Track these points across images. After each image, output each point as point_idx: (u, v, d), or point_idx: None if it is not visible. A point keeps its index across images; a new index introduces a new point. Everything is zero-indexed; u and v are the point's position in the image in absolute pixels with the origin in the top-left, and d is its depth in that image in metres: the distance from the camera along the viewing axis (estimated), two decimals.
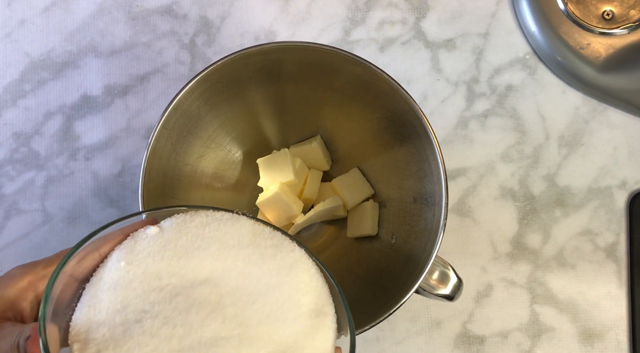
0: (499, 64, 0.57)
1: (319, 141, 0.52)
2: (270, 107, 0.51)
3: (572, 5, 0.56)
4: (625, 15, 0.56)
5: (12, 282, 0.32)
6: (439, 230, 0.43)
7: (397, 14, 0.57)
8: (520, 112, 0.56)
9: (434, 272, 0.44)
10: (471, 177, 0.55)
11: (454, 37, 0.57)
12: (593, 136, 0.56)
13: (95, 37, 0.56)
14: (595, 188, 0.56)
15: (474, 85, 0.57)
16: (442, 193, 0.43)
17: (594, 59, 0.56)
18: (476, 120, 0.56)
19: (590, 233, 0.55)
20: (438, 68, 0.57)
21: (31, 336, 0.29)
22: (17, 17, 0.56)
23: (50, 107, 0.55)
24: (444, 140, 0.55)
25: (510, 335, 0.53)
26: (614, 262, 0.55)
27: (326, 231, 0.54)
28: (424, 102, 0.56)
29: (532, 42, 0.57)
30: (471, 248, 0.54)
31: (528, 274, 0.54)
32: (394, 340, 0.53)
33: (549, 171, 0.56)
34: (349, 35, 0.57)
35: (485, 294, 0.54)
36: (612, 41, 0.56)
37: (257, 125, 0.52)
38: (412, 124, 0.45)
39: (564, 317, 0.54)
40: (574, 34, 0.56)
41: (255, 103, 0.50)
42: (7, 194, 0.53)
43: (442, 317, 0.53)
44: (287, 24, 0.57)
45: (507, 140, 0.56)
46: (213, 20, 0.57)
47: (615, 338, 0.53)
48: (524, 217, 0.55)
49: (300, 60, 0.46)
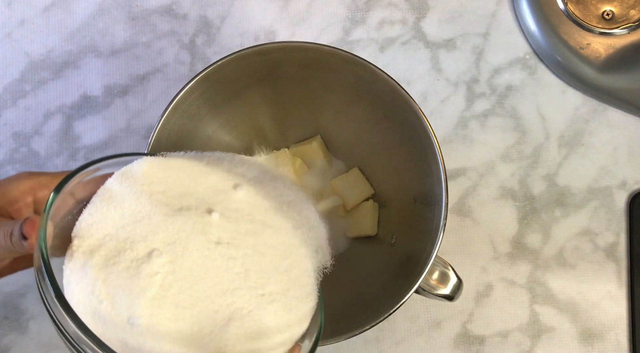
0: (499, 64, 0.57)
1: (319, 141, 0.52)
2: (270, 107, 0.51)
3: (572, 5, 0.56)
4: (625, 15, 0.56)
5: (15, 184, 0.34)
6: (439, 230, 0.43)
7: (397, 14, 0.57)
8: (520, 112, 0.56)
9: (434, 272, 0.44)
10: (471, 177, 0.55)
11: (454, 37, 0.57)
12: (593, 136, 0.56)
13: (95, 37, 0.56)
14: (595, 188, 0.56)
15: (474, 85, 0.57)
16: (442, 193, 0.43)
17: (594, 59, 0.56)
18: (476, 120, 0.56)
19: (590, 233, 0.55)
20: (438, 68, 0.57)
21: (28, 218, 0.30)
22: (17, 17, 0.56)
23: (50, 107, 0.55)
24: (444, 140, 0.55)
25: (510, 335, 0.53)
26: (614, 262, 0.54)
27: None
28: (424, 102, 0.56)
29: (532, 42, 0.57)
30: (471, 248, 0.54)
31: (528, 274, 0.54)
32: (394, 340, 0.53)
33: (549, 171, 0.56)
34: (349, 35, 0.57)
35: (485, 294, 0.54)
36: (612, 41, 0.56)
37: (257, 125, 0.52)
38: (412, 123, 0.45)
39: (564, 317, 0.54)
40: (574, 34, 0.56)
41: (255, 103, 0.50)
42: None
43: (442, 317, 0.53)
44: (287, 24, 0.57)
45: (507, 140, 0.56)
46: (213, 20, 0.57)
47: (615, 339, 0.53)
48: (524, 217, 0.55)
49: (300, 60, 0.46)
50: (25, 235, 0.30)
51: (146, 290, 0.31)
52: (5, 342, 0.52)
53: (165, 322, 0.31)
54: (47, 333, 0.52)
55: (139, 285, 0.31)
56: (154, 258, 0.32)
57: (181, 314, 0.31)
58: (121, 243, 0.32)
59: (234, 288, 0.33)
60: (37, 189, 0.35)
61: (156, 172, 0.36)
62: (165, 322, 0.31)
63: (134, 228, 0.33)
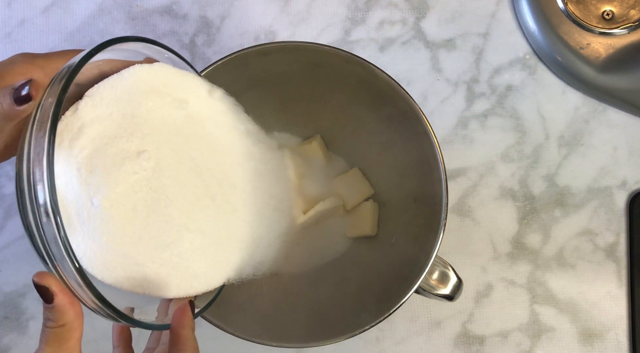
0: (499, 64, 0.57)
1: (319, 141, 0.52)
2: (270, 107, 0.51)
3: (572, 5, 0.56)
4: (625, 15, 0.56)
5: (10, 67, 0.34)
6: (439, 230, 0.43)
7: (397, 13, 0.57)
8: (520, 112, 0.56)
9: (434, 272, 0.44)
10: (471, 177, 0.55)
11: (453, 37, 0.57)
12: (593, 136, 0.56)
13: (95, 37, 0.56)
14: (595, 188, 0.56)
15: (474, 85, 0.57)
16: (442, 193, 0.43)
17: (594, 59, 0.56)
18: (476, 120, 0.56)
19: (590, 233, 0.55)
20: (438, 68, 0.57)
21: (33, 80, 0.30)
22: (17, 17, 0.56)
23: None
24: (444, 140, 0.55)
25: (510, 335, 0.53)
26: (614, 262, 0.55)
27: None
28: (424, 102, 0.56)
29: (532, 42, 0.57)
30: (471, 248, 0.54)
31: (528, 274, 0.54)
32: (394, 340, 0.53)
33: (548, 171, 0.56)
34: (349, 35, 0.57)
35: (485, 294, 0.54)
36: (612, 41, 0.56)
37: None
38: (412, 124, 0.45)
39: (564, 317, 0.54)
40: (574, 34, 0.56)
41: (255, 103, 0.50)
42: (6, 194, 0.53)
43: (442, 317, 0.53)
44: (287, 24, 0.57)
45: (507, 140, 0.56)
46: (213, 20, 0.57)
47: (615, 339, 0.53)
48: (524, 217, 0.55)
49: (300, 60, 0.46)
50: (33, 95, 0.30)
51: (119, 183, 0.32)
52: (5, 342, 0.52)
53: (119, 219, 0.32)
54: None
55: (116, 176, 0.32)
56: (141, 159, 0.33)
57: (136, 218, 0.33)
58: (121, 130, 0.33)
59: (189, 220, 0.35)
60: (32, 71, 0.34)
61: (183, 81, 0.37)
62: (120, 219, 0.32)
63: (140, 123, 0.34)
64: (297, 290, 0.50)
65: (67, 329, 0.30)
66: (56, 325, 0.29)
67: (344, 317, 0.46)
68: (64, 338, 0.30)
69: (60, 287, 0.29)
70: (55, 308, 0.29)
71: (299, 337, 0.44)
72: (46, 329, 0.30)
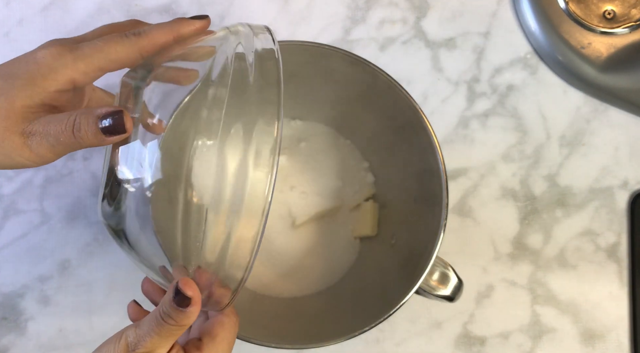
0: (499, 63, 0.57)
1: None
2: None
3: (573, 5, 0.56)
4: (626, 14, 0.56)
5: (53, 76, 0.33)
6: (439, 231, 0.42)
7: (397, 13, 0.57)
8: (521, 112, 0.56)
9: (434, 272, 0.43)
10: (472, 177, 0.55)
11: (454, 37, 0.57)
12: (594, 136, 0.56)
13: None
14: (596, 188, 0.55)
15: (475, 85, 0.56)
16: (443, 193, 0.43)
17: (595, 59, 0.55)
18: (477, 120, 0.56)
19: (592, 233, 0.55)
20: (438, 67, 0.56)
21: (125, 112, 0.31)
22: (16, 17, 0.56)
23: None
24: (444, 140, 0.55)
25: (511, 336, 0.53)
26: (615, 262, 0.54)
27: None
28: (424, 101, 0.56)
29: (533, 42, 0.57)
30: (472, 248, 0.54)
31: (529, 275, 0.54)
32: (394, 341, 0.53)
33: (550, 171, 0.55)
34: (349, 34, 0.57)
35: (485, 295, 0.54)
36: (613, 40, 0.56)
37: None
38: (412, 123, 0.45)
39: (565, 317, 0.53)
40: (575, 34, 0.56)
41: None
42: (5, 194, 0.53)
43: (442, 318, 0.53)
44: (287, 24, 0.57)
45: (508, 140, 0.56)
46: (212, 19, 0.56)
47: (616, 339, 0.53)
48: (524, 217, 0.55)
49: (300, 59, 0.46)
50: (127, 129, 0.31)
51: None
52: (4, 343, 0.51)
53: None
54: (45, 334, 0.52)
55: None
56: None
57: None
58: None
59: None
60: (77, 80, 0.33)
61: None
62: None
63: None
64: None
65: (182, 329, 0.32)
66: (176, 325, 0.31)
67: (344, 317, 0.46)
68: (175, 335, 0.32)
69: (199, 298, 0.31)
70: (185, 314, 0.31)
71: (298, 338, 0.44)
72: (164, 323, 0.31)
